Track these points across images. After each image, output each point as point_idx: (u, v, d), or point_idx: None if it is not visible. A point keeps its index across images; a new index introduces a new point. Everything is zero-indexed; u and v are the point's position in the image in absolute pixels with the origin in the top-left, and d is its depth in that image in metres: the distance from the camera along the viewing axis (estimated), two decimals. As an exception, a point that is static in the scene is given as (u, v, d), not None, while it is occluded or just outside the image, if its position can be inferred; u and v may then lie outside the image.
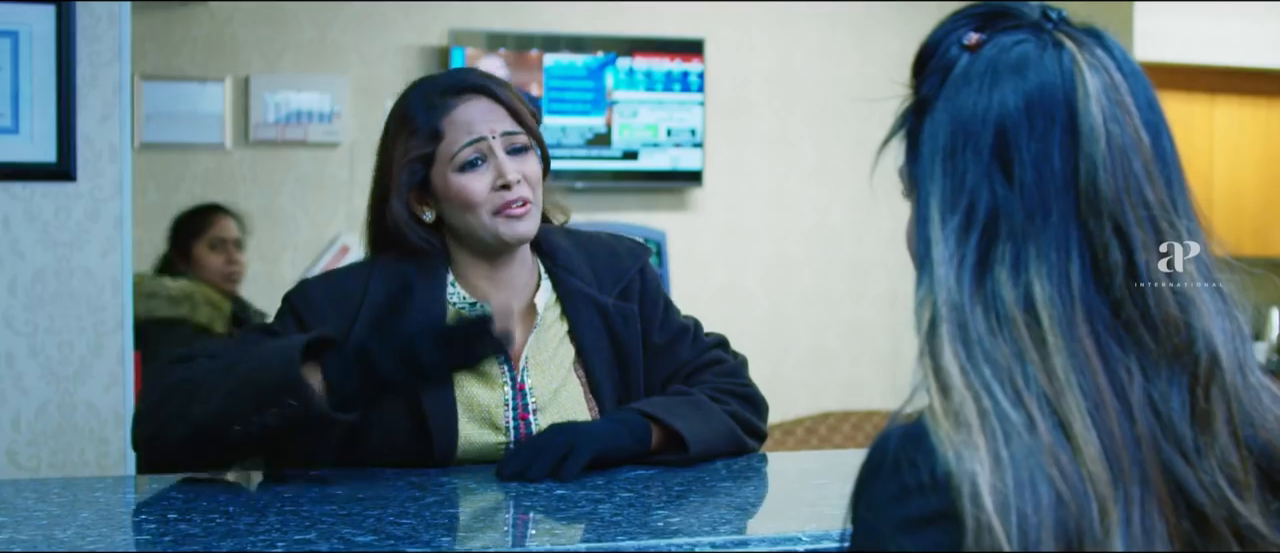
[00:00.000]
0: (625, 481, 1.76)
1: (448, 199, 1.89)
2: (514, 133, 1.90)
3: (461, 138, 1.87)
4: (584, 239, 2.04)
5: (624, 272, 2.00)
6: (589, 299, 1.96)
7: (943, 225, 0.99)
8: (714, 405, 1.92)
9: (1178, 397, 0.96)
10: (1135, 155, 0.98)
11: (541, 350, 1.94)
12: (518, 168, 1.88)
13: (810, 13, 5.49)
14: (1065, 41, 1.01)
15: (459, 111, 1.88)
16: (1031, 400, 0.93)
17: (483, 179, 1.87)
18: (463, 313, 1.91)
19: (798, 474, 1.98)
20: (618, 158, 5.23)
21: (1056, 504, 0.90)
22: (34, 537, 1.46)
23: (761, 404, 2.02)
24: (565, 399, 1.93)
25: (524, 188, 1.88)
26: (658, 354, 1.99)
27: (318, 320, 1.85)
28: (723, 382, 1.98)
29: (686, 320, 2.05)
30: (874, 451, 0.97)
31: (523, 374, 1.92)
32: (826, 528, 1.48)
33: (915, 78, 1.07)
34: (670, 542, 1.43)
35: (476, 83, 1.91)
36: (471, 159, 1.87)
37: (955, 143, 1.00)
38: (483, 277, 1.94)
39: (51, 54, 2.59)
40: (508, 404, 1.90)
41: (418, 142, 1.88)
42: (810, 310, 5.53)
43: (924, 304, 0.98)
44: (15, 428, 2.60)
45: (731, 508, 1.66)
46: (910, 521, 0.92)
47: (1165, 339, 0.97)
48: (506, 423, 1.90)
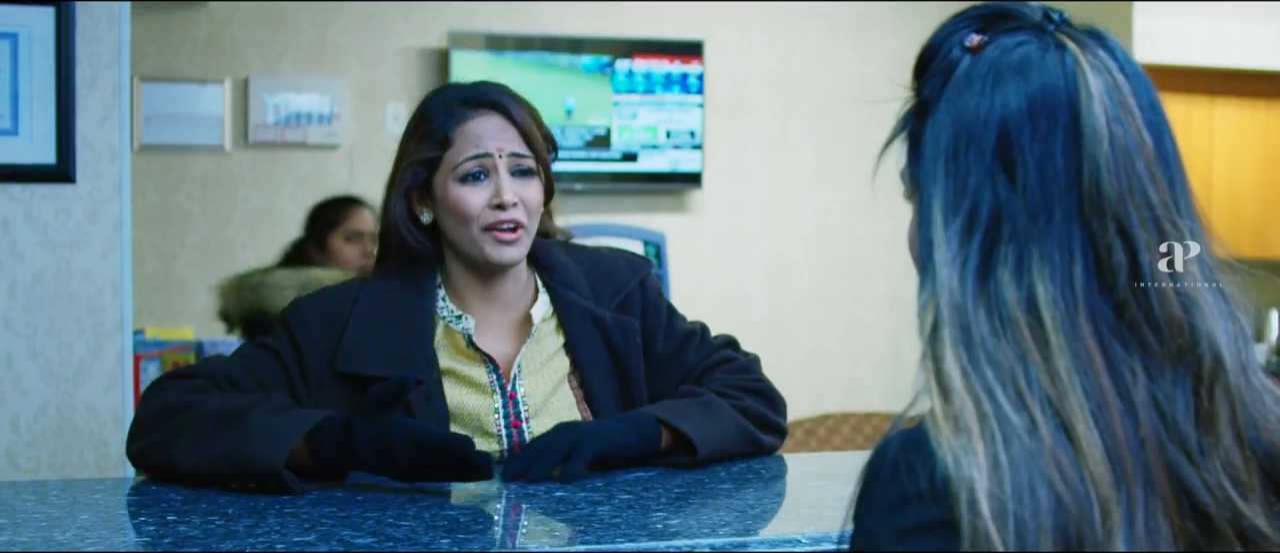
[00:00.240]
0: (625, 483, 1.76)
1: (444, 207, 1.90)
2: (521, 155, 1.90)
3: (467, 149, 1.88)
4: (583, 254, 2.05)
5: (623, 284, 2.01)
6: (586, 313, 1.97)
7: (945, 227, 0.99)
8: (724, 404, 1.92)
9: (1182, 398, 0.96)
10: (1138, 156, 0.98)
11: (534, 360, 1.95)
12: (517, 190, 1.89)
13: (809, 14, 5.49)
14: (1067, 43, 1.01)
15: (472, 123, 1.89)
16: (1034, 403, 0.92)
17: (480, 194, 1.88)
18: (449, 326, 1.92)
19: (797, 476, 1.98)
20: (617, 159, 5.24)
21: (1056, 508, 0.90)
22: (33, 539, 1.46)
23: (777, 399, 2.01)
24: (557, 406, 1.93)
25: (519, 211, 1.88)
26: (666, 362, 2.00)
27: (307, 337, 1.87)
28: (734, 378, 1.98)
29: (692, 325, 2.06)
30: (875, 455, 0.96)
31: (514, 382, 1.92)
32: (826, 530, 1.48)
33: (917, 79, 1.06)
34: (669, 544, 1.43)
35: (494, 99, 1.92)
36: (473, 172, 1.88)
37: (957, 144, 1.00)
38: (474, 289, 1.94)
39: (51, 56, 2.59)
40: (499, 412, 1.91)
41: (427, 145, 1.90)
42: (809, 312, 5.53)
43: (927, 307, 0.98)
44: (15, 430, 2.60)
45: (731, 510, 1.65)
46: (909, 528, 0.92)
47: (1169, 340, 0.96)
48: (498, 430, 1.90)
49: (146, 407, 1.81)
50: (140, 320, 4.69)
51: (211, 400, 1.75)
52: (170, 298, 4.86)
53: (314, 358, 1.86)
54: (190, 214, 4.89)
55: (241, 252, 4.94)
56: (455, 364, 1.91)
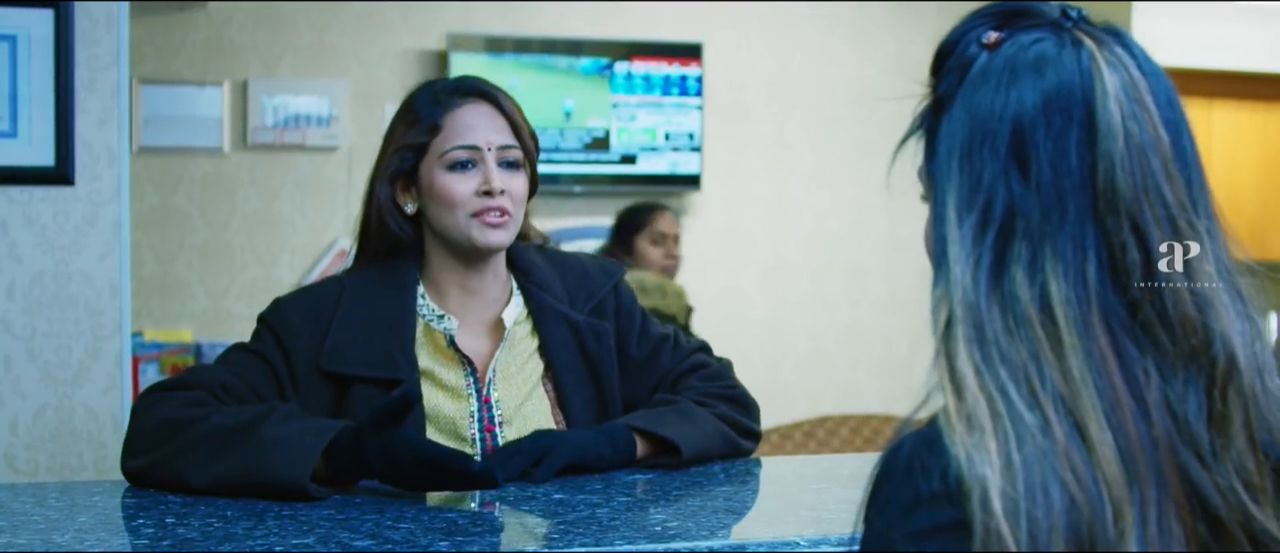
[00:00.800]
0: (623, 485, 1.76)
1: (430, 194, 1.90)
2: (509, 146, 1.91)
3: (456, 138, 1.89)
4: (558, 259, 2.06)
5: (597, 289, 2.01)
6: (561, 315, 1.97)
7: (959, 225, 0.98)
8: (701, 410, 1.93)
9: (1194, 398, 0.95)
10: (1154, 154, 0.97)
11: (509, 364, 1.95)
12: (505, 180, 1.89)
13: (808, 16, 5.50)
14: (1084, 40, 1.00)
15: (461, 112, 1.90)
16: (1047, 401, 0.92)
17: (468, 182, 1.88)
18: (430, 324, 1.92)
19: (795, 478, 1.98)
20: (616, 162, 5.24)
21: (1069, 508, 0.89)
22: (32, 541, 1.46)
23: (750, 404, 2.02)
24: (531, 412, 1.93)
25: (506, 200, 1.89)
26: (640, 367, 2.00)
27: (293, 338, 1.87)
28: (708, 385, 1.99)
29: (665, 330, 2.06)
30: (888, 455, 0.96)
31: (489, 387, 1.93)
32: (824, 532, 1.48)
33: (933, 76, 1.05)
34: (668, 546, 1.43)
35: (483, 89, 1.94)
36: (461, 160, 1.89)
37: (972, 141, 0.99)
38: (455, 283, 1.94)
39: (50, 57, 2.59)
40: (473, 416, 1.91)
41: (415, 131, 1.90)
42: (808, 314, 5.53)
43: (940, 304, 0.98)
44: (13, 432, 2.60)
45: (729, 512, 1.65)
46: (923, 530, 0.91)
47: (1182, 340, 0.96)
48: (472, 435, 1.91)
49: (142, 420, 1.77)
50: (139, 323, 4.70)
51: (215, 416, 1.72)
52: (169, 300, 4.86)
53: (299, 358, 1.86)
54: (189, 216, 4.89)
55: (240, 254, 4.94)
56: (433, 366, 1.91)
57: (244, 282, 4.93)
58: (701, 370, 2.02)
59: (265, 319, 1.91)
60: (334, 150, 4.98)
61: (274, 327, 1.89)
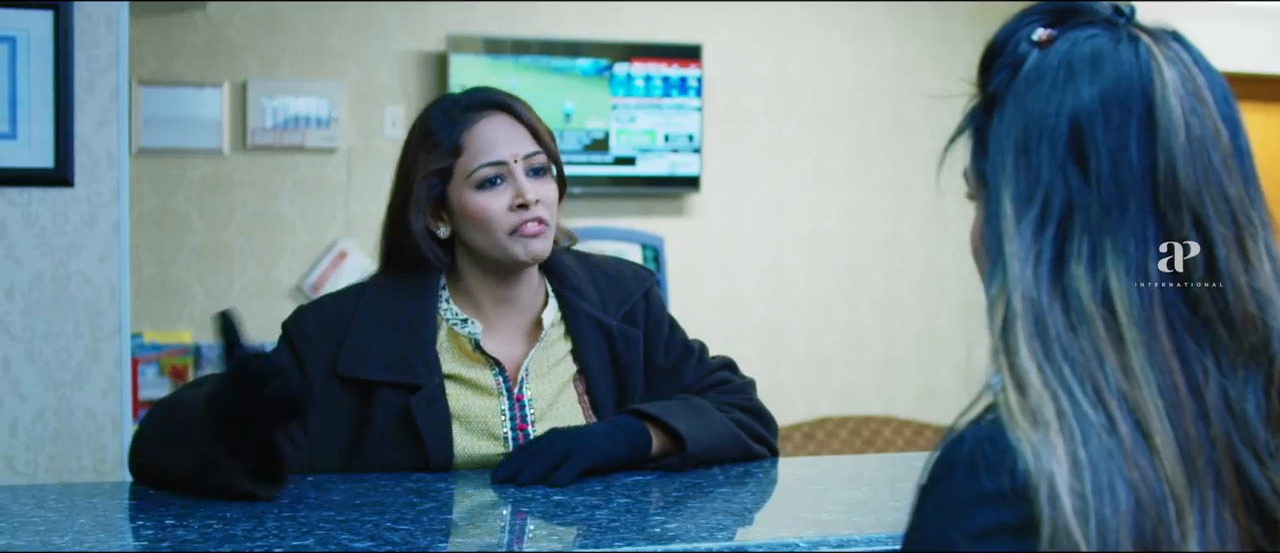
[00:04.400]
0: (623, 486, 1.76)
1: (464, 216, 1.89)
2: (534, 154, 1.91)
3: (481, 156, 1.88)
4: (590, 262, 2.05)
5: (629, 295, 2.01)
6: (594, 320, 1.97)
7: (1017, 221, 0.97)
8: (716, 411, 1.93)
9: (1253, 397, 0.94)
10: (1214, 149, 0.97)
11: (542, 363, 1.95)
12: (536, 189, 1.89)
13: (807, 18, 5.49)
14: (1141, 36, 1.00)
15: (480, 128, 1.89)
16: (1111, 399, 0.91)
17: (500, 198, 1.88)
18: (454, 329, 1.92)
19: (794, 480, 1.98)
20: (615, 163, 5.24)
21: (1135, 508, 0.88)
22: (31, 543, 1.46)
23: (768, 419, 2.02)
24: (562, 409, 1.94)
25: (541, 209, 1.88)
26: (664, 376, 2.00)
27: (307, 346, 1.87)
28: (727, 397, 1.99)
29: (692, 343, 2.06)
30: (948, 450, 0.94)
31: (521, 386, 1.92)
32: (824, 534, 1.48)
33: (982, 75, 1.04)
34: (667, 547, 1.43)
35: (498, 100, 1.93)
36: (490, 178, 1.88)
37: (1029, 138, 0.98)
38: (489, 294, 1.94)
39: (49, 59, 2.59)
40: (505, 414, 1.91)
41: (436, 156, 1.89)
42: (807, 316, 5.53)
43: (997, 301, 0.96)
44: (12, 434, 2.60)
45: (728, 514, 1.66)
46: (985, 530, 0.90)
47: (1242, 336, 0.95)
48: (505, 433, 1.90)
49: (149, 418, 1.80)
50: (138, 324, 4.70)
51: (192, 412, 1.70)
52: (168, 301, 4.86)
53: (314, 366, 1.86)
54: (188, 217, 4.89)
55: (240, 255, 4.94)
56: (461, 368, 1.91)
57: (243, 283, 4.93)
58: (723, 385, 2.02)
59: (285, 327, 1.92)
60: (333, 152, 4.97)
61: (291, 335, 1.90)
